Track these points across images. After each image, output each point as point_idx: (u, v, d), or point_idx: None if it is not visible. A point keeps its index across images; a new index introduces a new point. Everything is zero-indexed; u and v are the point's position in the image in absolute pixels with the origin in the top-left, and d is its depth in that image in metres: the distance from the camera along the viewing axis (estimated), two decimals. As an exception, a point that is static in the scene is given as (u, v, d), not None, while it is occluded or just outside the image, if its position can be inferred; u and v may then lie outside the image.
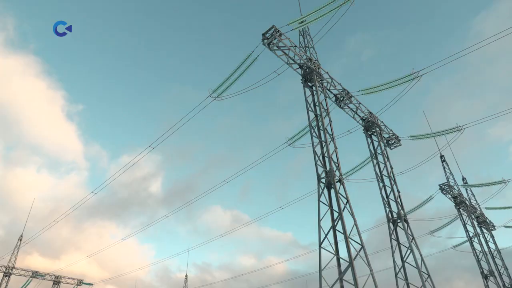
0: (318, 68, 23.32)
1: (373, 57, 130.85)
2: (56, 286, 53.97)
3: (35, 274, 52.11)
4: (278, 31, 20.92)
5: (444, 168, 41.20)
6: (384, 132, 28.54)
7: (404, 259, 22.69)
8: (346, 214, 17.67)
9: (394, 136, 29.02)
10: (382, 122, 28.29)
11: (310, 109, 21.78)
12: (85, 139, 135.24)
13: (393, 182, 25.52)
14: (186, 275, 63.82)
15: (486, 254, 36.90)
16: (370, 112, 27.51)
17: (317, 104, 21.72)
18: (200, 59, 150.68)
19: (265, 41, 21.00)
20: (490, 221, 42.24)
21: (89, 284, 58.26)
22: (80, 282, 56.90)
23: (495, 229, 42.36)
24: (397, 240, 23.38)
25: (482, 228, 40.73)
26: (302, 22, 22.05)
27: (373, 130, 27.67)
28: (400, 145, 29.38)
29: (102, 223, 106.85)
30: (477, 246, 37.10)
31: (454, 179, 40.53)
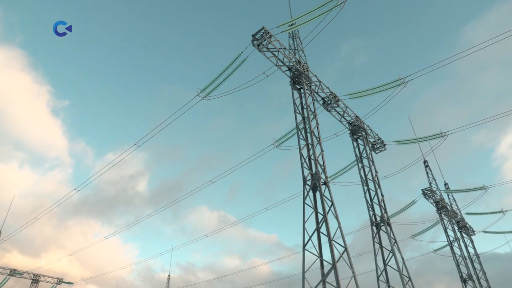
0: (307, 71, 23.45)
1: (365, 62, 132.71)
2: (35, 284, 52.79)
3: (13, 272, 50.87)
4: (268, 33, 20.97)
5: (427, 173, 41.92)
6: (369, 136, 28.90)
7: (386, 262, 22.98)
8: (331, 217, 17.82)
9: (379, 141, 29.40)
10: (368, 126, 28.65)
11: (297, 111, 21.89)
12: (70, 136, 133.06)
13: (377, 186, 25.84)
14: (169, 275, 63.23)
15: (466, 259, 37.69)
16: (356, 116, 27.81)
17: (304, 106, 21.85)
18: (192, 59, 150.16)
19: (255, 42, 21.02)
20: (470, 226, 43.16)
21: (69, 283, 57.18)
22: (60, 281, 55.78)
23: (474, 234, 43.32)
24: (380, 243, 23.66)
25: (462, 233, 41.59)
26: (292, 24, 22.16)
27: (359, 134, 27.99)
28: (385, 149, 29.78)
29: (87, 222, 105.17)
30: (457, 250, 37.88)
31: (436, 184, 41.28)
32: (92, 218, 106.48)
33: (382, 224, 24.05)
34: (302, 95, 22.34)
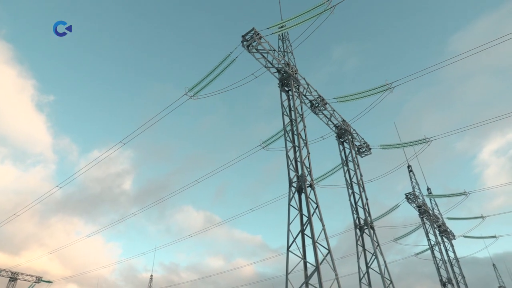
0: (296, 73, 23.57)
1: (356, 67, 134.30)
2: (12, 283, 51.52)
3: (-10, 270, 49.58)
4: (258, 34, 21.00)
5: (410, 178, 42.61)
6: (356, 140, 29.20)
7: (369, 265, 23.25)
8: (315, 219, 17.92)
9: (365, 145, 29.73)
10: (354, 130, 28.94)
11: (285, 113, 21.98)
12: (54, 132, 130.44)
13: (362, 189, 26.12)
14: (152, 275, 62.60)
15: (446, 263, 38.41)
16: (343, 119, 28.07)
17: (292, 109, 21.95)
18: (183, 58, 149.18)
19: (245, 43, 21.03)
20: (450, 230, 44.03)
21: (49, 281, 56.01)
22: (39, 280, 54.58)
23: (455, 239, 44.21)
24: (363, 246, 23.93)
25: (443, 237, 42.40)
26: (282, 27, 22.26)
27: (346, 138, 28.26)
28: (370, 153, 30.13)
29: (70, 219, 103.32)
30: (437, 254, 38.59)
31: (419, 189, 41.99)
32: (75, 216, 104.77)
33: (365, 227, 24.32)
34: (290, 97, 22.43)
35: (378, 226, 35.55)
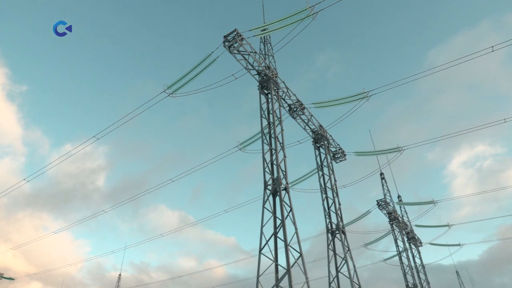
0: (276, 77, 23.71)
1: (338, 74, 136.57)
2: (-29, 279, 49.17)
3: None
4: (240, 36, 21.00)
5: (382, 185, 43.64)
6: (331, 146, 29.65)
7: (339, 269, 23.60)
8: (289, 222, 18.04)
9: (340, 151, 30.23)
10: (330, 136, 29.39)
11: (263, 116, 22.05)
12: (25, 123, 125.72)
13: (335, 194, 26.52)
14: (120, 274, 61.25)
15: (412, 269, 39.52)
16: (320, 125, 28.45)
17: (271, 112, 22.05)
18: (167, 56, 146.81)
19: (226, 43, 20.99)
20: (418, 237, 45.34)
21: (10, 278, 53.73)
22: (0, 276, 52.29)
23: (422, 246, 45.56)
24: (334, 250, 24.27)
25: (411, 244, 43.60)
26: (264, 29, 22.35)
27: (322, 143, 28.64)
28: (345, 159, 30.65)
29: (39, 215, 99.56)
30: (405, 260, 39.64)
31: (390, 196, 43.04)
32: (45, 211, 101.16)
33: (337, 232, 24.69)
34: (269, 100, 22.54)
35: (350, 231, 36.22)
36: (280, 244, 17.52)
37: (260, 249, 17.44)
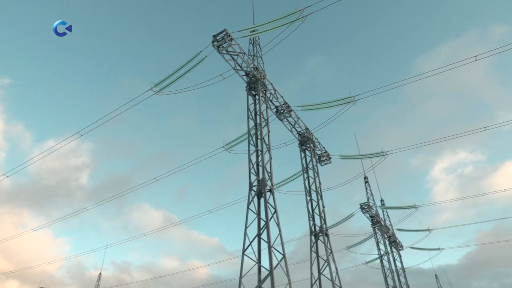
0: (264, 78, 23.75)
1: (327, 79, 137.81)
2: None
3: None
4: (229, 36, 20.97)
5: (366, 189, 44.17)
6: (317, 149, 29.86)
7: (321, 271, 23.76)
8: (273, 224, 18.08)
9: (325, 154, 30.48)
10: (316, 139, 29.59)
11: (250, 117, 22.07)
12: (7, 117, 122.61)
13: (319, 197, 26.71)
14: (100, 273, 60.36)
15: (393, 272, 40.11)
16: (307, 128, 28.63)
17: (258, 113, 22.08)
18: (159, 54, 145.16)
19: (215, 43, 20.92)
20: (399, 241, 46.05)
21: (-14, 276, 52.25)
22: (-25, 273, 50.80)
23: (403, 249, 46.26)
24: (317, 252, 24.44)
25: (392, 247, 44.24)
26: (253, 31, 22.37)
27: (308, 146, 28.83)
28: (330, 162, 30.91)
29: (20, 212, 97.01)
30: (386, 263, 40.20)
31: (373, 200, 43.61)
32: (26, 208, 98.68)
33: (320, 234, 24.87)
34: (257, 101, 22.57)
35: (333, 234, 36.51)
36: (264, 245, 17.55)
37: (244, 250, 17.42)
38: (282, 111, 26.55)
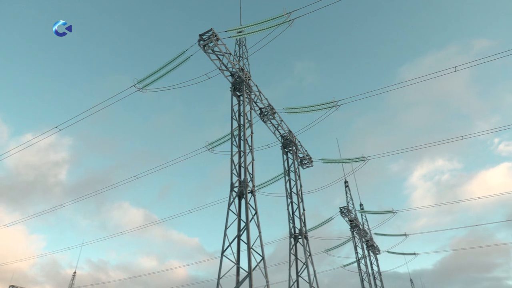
0: (249, 79, 23.77)
1: (313, 84, 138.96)
2: None
3: None
4: (216, 36, 20.89)
5: (346, 193, 44.72)
6: (299, 152, 30.07)
7: (299, 274, 23.90)
8: (253, 226, 18.08)
9: (307, 157, 30.72)
10: (299, 142, 29.81)
11: (234, 117, 22.04)
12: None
13: (300, 200, 26.88)
14: (75, 272, 58.99)
15: (369, 275, 40.72)
16: (290, 130, 28.79)
17: (242, 114, 22.08)
18: (147, 52, 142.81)
19: (201, 42, 20.81)
20: (377, 245, 46.81)
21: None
22: None
23: (379, 253, 47.07)
24: (295, 255, 24.58)
25: (370, 251, 44.93)
26: (240, 32, 22.36)
27: (290, 148, 28.99)
28: (312, 166, 31.17)
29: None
30: (363, 267, 40.78)
31: (353, 204, 44.19)
32: (1, 203, 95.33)
33: (300, 236, 25.02)
34: (241, 102, 22.56)
35: (313, 237, 36.80)
36: (243, 246, 17.53)
37: (223, 251, 17.36)
38: (266, 113, 26.63)
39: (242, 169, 20.06)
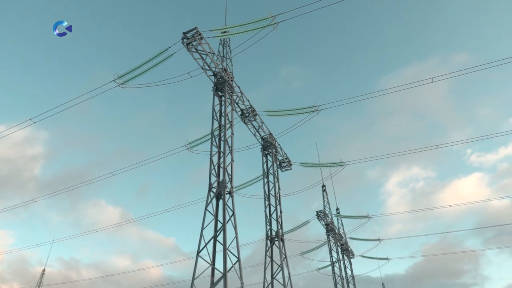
0: (231, 80, 23.73)
1: (299, 89, 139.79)
2: None
3: None
4: (200, 34, 20.77)
5: (323, 197, 45.24)
6: (279, 154, 30.22)
7: (274, 276, 23.98)
8: (230, 227, 18.02)
9: (287, 160, 30.92)
10: (279, 144, 29.96)
11: (215, 118, 21.94)
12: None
13: (278, 202, 27.01)
14: (44, 269, 57.19)
15: (343, 279, 41.29)
16: (270, 133, 28.91)
17: (223, 114, 22.02)
18: (135, 50, 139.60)
19: (185, 40, 20.64)
20: (351, 249, 47.55)
21: None
22: None
23: (353, 257, 47.84)
24: (271, 257, 24.66)
25: (344, 255, 45.59)
26: (224, 32, 22.32)
27: (270, 151, 29.10)
28: (290, 169, 31.39)
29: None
30: (337, 270, 41.33)
31: (329, 208, 44.72)
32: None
33: (276, 239, 25.12)
34: (223, 102, 22.50)
35: (290, 240, 37.05)
36: (219, 247, 17.45)
37: (198, 251, 17.22)
38: (247, 115, 26.65)
39: (221, 170, 19.98)
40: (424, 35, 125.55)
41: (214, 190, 19.19)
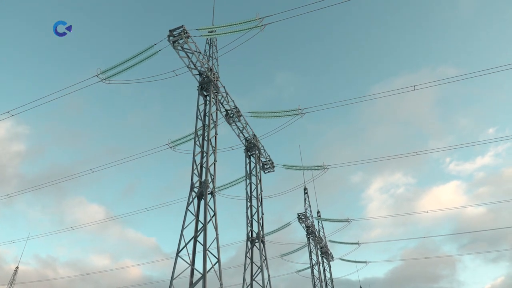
0: (217, 80, 23.64)
1: (292, 95, 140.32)
2: None
3: None
4: (187, 33, 20.63)
5: (305, 199, 45.54)
6: (262, 156, 30.25)
7: (253, 277, 23.96)
8: (211, 227, 17.92)
9: (270, 162, 30.98)
10: (262, 146, 30.00)
11: (199, 117, 21.82)
12: None
13: (259, 204, 27.02)
14: (17, 267, 55.54)
15: (322, 281, 41.62)
16: (254, 134, 28.91)
17: (207, 114, 21.91)
18: (127, 48, 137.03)
19: (171, 38, 20.47)
20: (331, 252, 47.99)
21: None
22: None
23: (333, 260, 48.29)
24: (251, 258, 24.63)
25: (323, 258, 45.97)
26: (212, 31, 22.24)
27: (253, 152, 29.11)
28: (273, 171, 31.47)
29: None
30: (316, 273, 41.62)
31: (311, 211, 45.04)
32: None
33: (257, 240, 25.11)
34: (207, 102, 22.39)
35: (271, 242, 37.10)
36: (200, 248, 17.32)
37: (178, 252, 17.05)
38: (231, 115, 26.59)
39: (204, 170, 19.86)
40: (416, 47, 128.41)
41: (196, 190, 19.05)
